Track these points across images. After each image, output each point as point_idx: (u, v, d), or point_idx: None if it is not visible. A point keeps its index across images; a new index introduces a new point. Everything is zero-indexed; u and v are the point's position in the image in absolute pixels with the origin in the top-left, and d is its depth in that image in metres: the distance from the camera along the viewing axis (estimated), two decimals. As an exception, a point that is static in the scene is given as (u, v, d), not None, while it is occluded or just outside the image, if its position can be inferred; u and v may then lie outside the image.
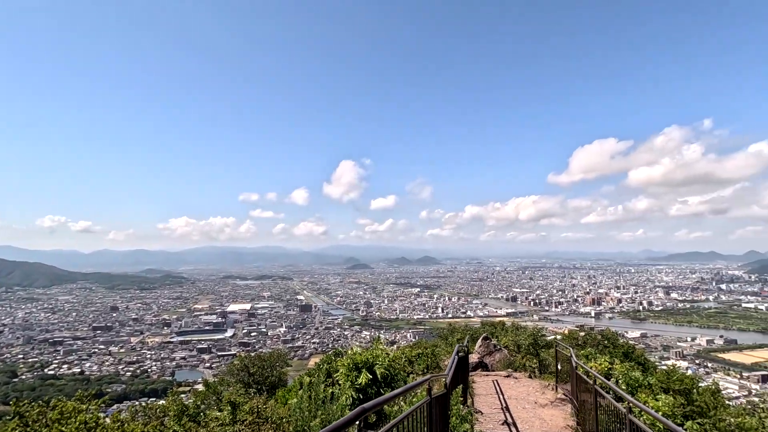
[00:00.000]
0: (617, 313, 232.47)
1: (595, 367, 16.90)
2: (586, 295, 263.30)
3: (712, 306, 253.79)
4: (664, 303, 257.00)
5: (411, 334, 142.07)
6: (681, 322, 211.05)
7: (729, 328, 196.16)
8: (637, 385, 13.65)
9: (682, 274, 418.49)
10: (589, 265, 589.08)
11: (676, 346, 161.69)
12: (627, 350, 19.67)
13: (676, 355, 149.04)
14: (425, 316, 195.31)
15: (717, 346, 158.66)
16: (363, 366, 10.83)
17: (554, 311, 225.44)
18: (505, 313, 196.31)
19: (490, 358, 22.03)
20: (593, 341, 22.33)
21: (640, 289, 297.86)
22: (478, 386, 15.93)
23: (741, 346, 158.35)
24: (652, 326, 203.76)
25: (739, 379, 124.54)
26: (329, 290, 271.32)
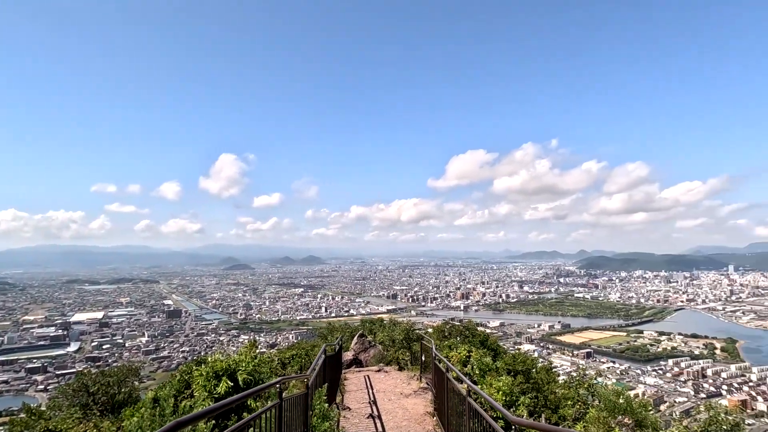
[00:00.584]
0: (482, 305, 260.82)
1: (455, 356, 18.59)
2: (457, 291, 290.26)
3: (553, 297, 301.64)
4: (518, 295, 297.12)
5: (293, 336, 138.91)
6: (530, 311, 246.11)
7: (565, 315, 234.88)
8: (487, 369, 15.43)
9: (532, 270, 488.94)
10: (460, 263, 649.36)
11: (526, 332, 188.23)
12: (483, 339, 21.98)
13: (526, 339, 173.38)
14: (308, 316, 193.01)
15: (556, 330, 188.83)
16: (224, 373, 10.05)
17: (430, 306, 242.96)
18: (385, 310, 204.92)
19: (365, 355, 22.60)
20: (457, 332, 24.48)
21: (500, 284, 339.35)
22: (350, 383, 16.15)
23: (573, 329, 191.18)
24: (509, 316, 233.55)
25: (571, 356, 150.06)
26: (203, 293, 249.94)
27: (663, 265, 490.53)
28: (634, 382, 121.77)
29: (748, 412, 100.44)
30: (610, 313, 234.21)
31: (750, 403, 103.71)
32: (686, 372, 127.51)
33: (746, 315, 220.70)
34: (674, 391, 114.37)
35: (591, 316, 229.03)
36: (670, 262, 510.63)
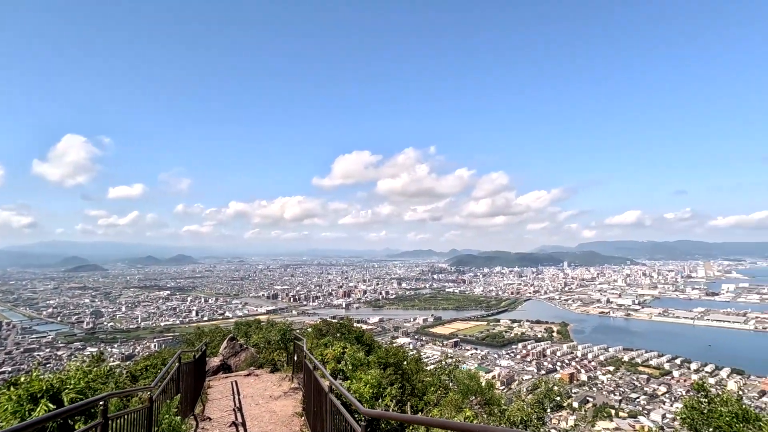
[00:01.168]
0: (363, 303, 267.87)
1: (330, 353, 18.56)
2: (339, 289, 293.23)
3: (427, 292, 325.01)
4: (397, 292, 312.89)
5: (156, 344, 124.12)
6: (408, 306, 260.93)
7: (437, 308, 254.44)
8: (359, 364, 15.77)
9: (410, 267, 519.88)
10: (343, 261, 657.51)
11: (403, 326, 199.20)
12: (359, 335, 22.39)
13: (403, 333, 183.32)
14: (176, 321, 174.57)
15: (429, 323, 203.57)
16: (43, 395, 8.28)
17: (312, 305, 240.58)
18: (265, 311, 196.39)
19: (235, 359, 21.18)
20: (334, 330, 24.51)
21: (381, 282, 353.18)
22: (215, 390, 14.91)
23: (443, 321, 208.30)
24: (388, 311, 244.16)
25: (441, 346, 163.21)
26: (35, 300, 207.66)
27: (517, 261, 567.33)
28: (492, 365, 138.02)
29: (574, 383, 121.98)
30: (475, 305, 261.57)
31: (576, 375, 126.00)
32: (531, 353, 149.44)
33: (575, 302, 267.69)
34: (522, 371, 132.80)
35: (459, 309, 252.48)
36: (522, 260, 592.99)
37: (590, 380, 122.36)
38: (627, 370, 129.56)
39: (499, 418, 11.00)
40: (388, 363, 17.28)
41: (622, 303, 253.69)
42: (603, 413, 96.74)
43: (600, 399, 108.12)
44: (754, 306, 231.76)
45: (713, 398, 9.27)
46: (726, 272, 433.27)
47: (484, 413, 12.50)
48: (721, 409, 8.67)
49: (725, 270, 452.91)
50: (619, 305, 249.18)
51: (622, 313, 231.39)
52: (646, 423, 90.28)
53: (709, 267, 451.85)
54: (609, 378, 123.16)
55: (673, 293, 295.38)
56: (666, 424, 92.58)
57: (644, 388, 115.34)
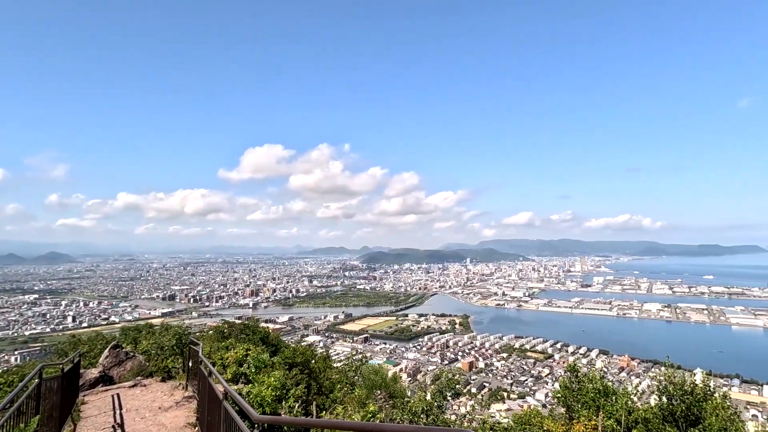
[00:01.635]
0: (272, 301, 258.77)
1: (231, 356, 17.44)
2: (246, 288, 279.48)
3: (339, 289, 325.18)
4: (308, 289, 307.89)
5: (18, 357, 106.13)
6: (319, 304, 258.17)
7: (348, 305, 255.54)
8: (263, 366, 15.06)
9: (322, 265, 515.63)
10: (251, 259, 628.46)
11: (314, 324, 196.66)
12: (264, 335, 21.41)
13: (313, 331, 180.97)
14: (45, 329, 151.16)
15: (340, 320, 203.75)
16: None
17: (215, 306, 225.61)
18: (160, 313, 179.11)
19: (119, 369, 18.83)
20: (237, 331, 23.12)
21: (291, 279, 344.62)
22: (92, 406, 13.06)
23: (354, 318, 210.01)
24: (298, 310, 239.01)
25: (351, 342, 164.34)
26: None
27: (425, 258, 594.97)
28: (399, 358, 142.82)
29: (473, 370, 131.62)
30: (385, 301, 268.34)
31: (475, 363, 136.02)
32: (436, 345, 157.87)
33: (476, 296, 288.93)
34: (428, 362, 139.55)
35: (370, 305, 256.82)
36: (430, 257, 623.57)
37: (487, 367, 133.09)
38: (518, 356, 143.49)
39: (402, 409, 11.31)
40: (295, 363, 16.80)
41: (515, 295, 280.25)
42: (497, 396, 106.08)
43: (495, 383, 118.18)
44: (617, 295, 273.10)
45: (582, 377, 10.68)
46: (597, 267, 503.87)
47: (389, 406, 12.75)
48: (588, 385, 10.07)
49: (596, 265, 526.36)
50: (512, 297, 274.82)
51: (515, 304, 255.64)
52: (532, 402, 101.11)
53: (584, 262, 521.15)
54: (503, 364, 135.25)
55: (556, 285, 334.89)
56: (548, 402, 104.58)
57: (531, 371, 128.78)
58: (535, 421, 9.54)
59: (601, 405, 9.05)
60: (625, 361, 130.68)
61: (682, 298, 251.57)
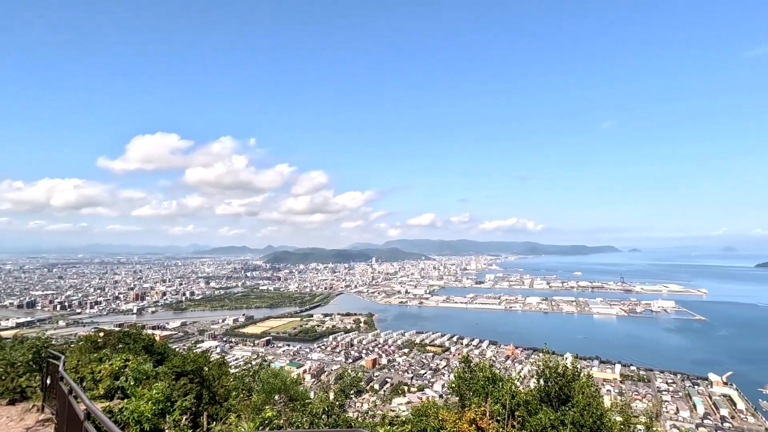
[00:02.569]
0: (161, 306, 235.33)
1: (105, 369, 15.30)
2: (130, 291, 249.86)
3: (240, 290, 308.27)
4: (204, 292, 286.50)
5: None
6: (216, 307, 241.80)
7: (250, 307, 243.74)
8: (145, 377, 13.44)
9: (221, 265, 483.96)
10: (136, 259, 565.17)
11: (210, 328, 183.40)
12: (148, 343, 19.23)
13: (209, 336, 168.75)
14: None
15: (240, 323, 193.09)
16: None
17: (89, 313, 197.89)
18: (13, 324, 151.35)
19: (-50, 393, 15.28)
20: (114, 340, 20.41)
21: (185, 281, 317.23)
22: None
23: (256, 320, 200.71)
24: (192, 314, 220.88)
25: (252, 346, 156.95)
26: None
27: (332, 258, 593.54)
28: (303, 359, 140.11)
29: (377, 367, 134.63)
30: (289, 302, 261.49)
31: (378, 360, 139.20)
32: (341, 344, 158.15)
33: (380, 294, 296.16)
34: (332, 361, 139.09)
35: (273, 306, 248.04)
36: (336, 256, 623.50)
37: (390, 363, 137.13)
38: (418, 351, 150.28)
39: (302, 412, 10.95)
40: (185, 371, 15.36)
41: (417, 293, 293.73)
42: (398, 391, 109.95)
43: (397, 378, 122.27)
44: (505, 290, 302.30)
45: (473, 367, 11.52)
46: (489, 265, 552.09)
47: (288, 410, 12.27)
48: (479, 374, 10.93)
49: (489, 263, 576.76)
50: (414, 295, 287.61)
51: (417, 301, 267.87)
52: (430, 394, 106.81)
53: (478, 261, 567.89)
54: (404, 359, 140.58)
55: (453, 283, 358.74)
56: (444, 392, 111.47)
57: (430, 364, 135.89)
58: (431, 412, 9.97)
59: (489, 391, 9.82)
60: (511, 350, 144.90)
61: (557, 292, 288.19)
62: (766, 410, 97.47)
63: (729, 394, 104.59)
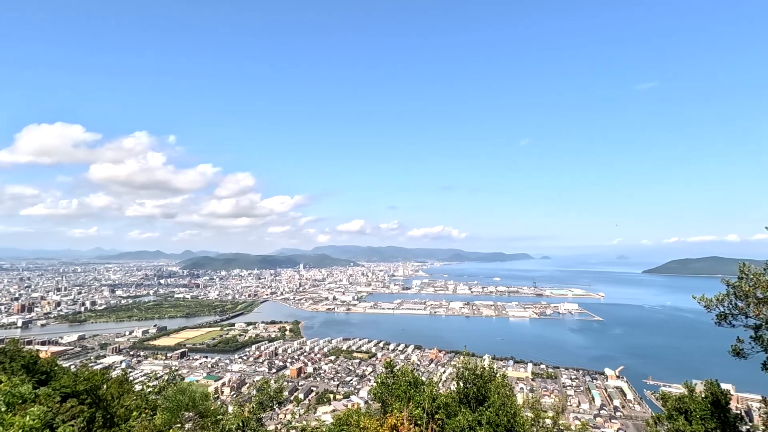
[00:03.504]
0: (54, 318, 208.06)
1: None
2: (14, 302, 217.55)
3: (152, 299, 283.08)
4: (109, 301, 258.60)
5: None
6: (122, 317, 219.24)
7: (163, 317, 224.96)
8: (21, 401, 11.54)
9: (130, 271, 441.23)
10: (24, 265, 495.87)
11: (114, 342, 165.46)
12: (30, 362, 16.64)
13: (113, 350, 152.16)
14: None
15: (151, 335, 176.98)
16: None
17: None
18: None
19: None
20: (-14, 359, 17.39)
21: (85, 289, 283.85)
22: None
23: (169, 331, 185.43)
24: (93, 326, 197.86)
25: (164, 359, 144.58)
26: None
27: (257, 263, 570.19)
28: (223, 371, 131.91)
29: (302, 375, 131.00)
30: (208, 311, 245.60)
31: (304, 368, 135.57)
32: (264, 353, 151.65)
33: (308, 301, 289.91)
34: (254, 372, 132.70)
35: (190, 316, 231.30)
36: (262, 262, 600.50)
37: (315, 371, 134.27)
38: (345, 357, 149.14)
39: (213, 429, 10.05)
40: (76, 392, 13.54)
41: (345, 299, 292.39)
42: (323, 399, 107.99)
43: (322, 387, 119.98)
44: (430, 296, 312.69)
45: (396, 372, 11.53)
46: (416, 271, 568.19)
47: (198, 428, 11.24)
48: (402, 379, 10.97)
49: (415, 269, 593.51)
50: (342, 301, 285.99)
51: (344, 308, 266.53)
52: (356, 400, 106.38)
53: (405, 267, 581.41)
54: (330, 366, 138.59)
55: (381, 289, 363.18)
56: (369, 398, 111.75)
57: (357, 371, 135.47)
58: (353, 420, 9.72)
59: (411, 396, 9.84)
60: (434, 354, 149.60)
61: (478, 297, 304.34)
62: (649, 399, 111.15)
63: (621, 386, 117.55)
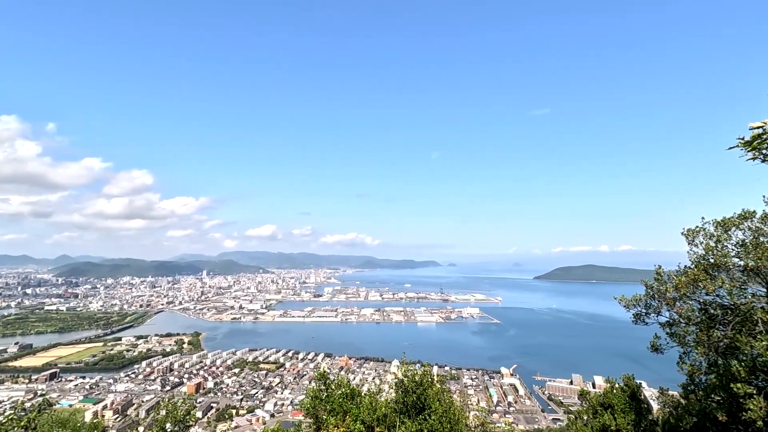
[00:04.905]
0: None
1: None
2: None
3: (13, 312, 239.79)
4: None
5: None
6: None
7: (27, 333, 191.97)
8: None
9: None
10: None
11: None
12: None
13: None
14: None
15: (10, 355, 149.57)
16: None
17: None
18: None
19: None
20: None
21: None
22: None
23: (36, 350, 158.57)
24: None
25: (28, 383, 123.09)
26: None
27: (152, 270, 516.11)
28: (104, 393, 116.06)
29: (201, 391, 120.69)
30: (89, 324, 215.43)
31: (203, 383, 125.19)
32: (156, 370, 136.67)
33: (210, 311, 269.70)
34: (144, 391, 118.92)
35: (64, 331, 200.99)
36: (158, 268, 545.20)
37: (217, 386, 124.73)
38: (250, 369, 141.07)
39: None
40: None
41: (252, 308, 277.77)
42: (225, 415, 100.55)
43: (224, 402, 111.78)
44: (342, 303, 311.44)
45: (330, 384, 10.80)
46: (328, 278, 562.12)
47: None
48: (336, 392, 10.27)
49: (328, 276, 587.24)
50: (249, 310, 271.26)
51: (252, 317, 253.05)
52: (261, 414, 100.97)
53: (318, 274, 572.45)
54: (234, 380, 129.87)
55: (292, 297, 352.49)
56: (276, 410, 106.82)
57: (263, 382, 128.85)
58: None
59: (347, 409, 9.24)
60: (344, 361, 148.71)
61: (389, 303, 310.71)
62: (537, 393, 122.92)
63: (514, 383, 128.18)
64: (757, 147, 5.24)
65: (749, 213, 10.11)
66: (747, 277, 9.63)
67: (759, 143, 5.18)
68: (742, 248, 9.81)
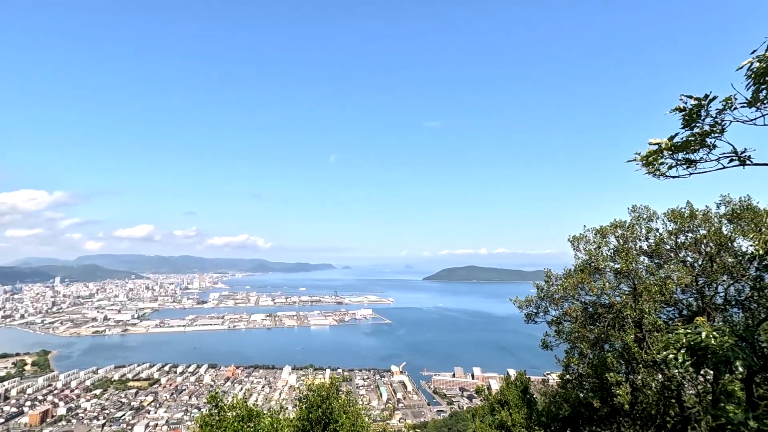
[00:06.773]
0: None
1: None
2: None
3: None
4: None
5: None
6: None
7: None
8: None
9: None
10: None
11: None
12: None
13: None
14: None
15: None
16: None
17: None
18: None
19: None
20: None
21: None
22: None
23: None
24: None
25: None
26: None
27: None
28: None
29: (48, 420, 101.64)
30: None
31: (52, 411, 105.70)
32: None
33: (64, 324, 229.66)
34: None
35: None
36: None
37: (70, 412, 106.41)
38: (116, 389, 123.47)
39: None
40: None
41: (120, 319, 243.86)
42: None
43: (80, 430, 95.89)
44: (230, 309, 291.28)
45: (223, 406, 9.48)
46: (214, 283, 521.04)
47: None
48: (230, 414, 9.05)
49: (214, 281, 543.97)
50: (117, 321, 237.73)
51: (120, 329, 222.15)
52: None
53: (202, 279, 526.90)
54: (94, 403, 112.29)
55: (171, 304, 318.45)
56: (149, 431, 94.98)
57: (132, 402, 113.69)
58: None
59: None
60: (231, 371, 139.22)
61: (281, 308, 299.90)
62: (424, 388, 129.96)
63: (403, 380, 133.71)
64: (652, 163, 5.70)
65: (620, 223, 12.28)
66: (618, 279, 11.42)
67: (654, 159, 5.67)
68: (616, 253, 11.62)
